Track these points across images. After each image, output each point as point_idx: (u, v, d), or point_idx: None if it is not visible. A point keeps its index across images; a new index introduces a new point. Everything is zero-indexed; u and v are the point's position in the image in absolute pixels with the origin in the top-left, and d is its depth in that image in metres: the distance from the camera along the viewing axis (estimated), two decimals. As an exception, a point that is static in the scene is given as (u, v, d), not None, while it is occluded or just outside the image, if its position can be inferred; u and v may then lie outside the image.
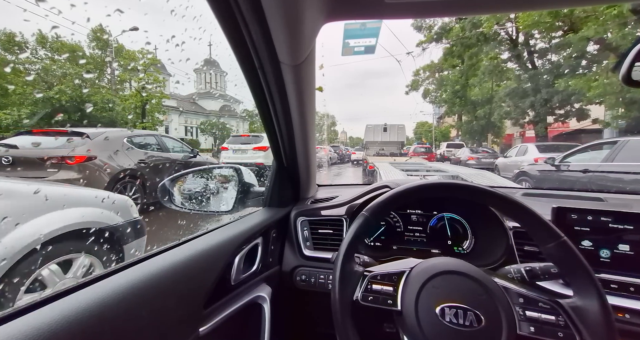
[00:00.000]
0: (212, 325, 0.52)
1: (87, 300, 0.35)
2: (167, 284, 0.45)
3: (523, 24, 9.50)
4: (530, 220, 0.49)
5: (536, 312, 0.44)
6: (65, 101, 7.86)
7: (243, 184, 0.83)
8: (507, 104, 12.70)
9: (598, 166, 3.66)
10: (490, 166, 8.23)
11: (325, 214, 0.84)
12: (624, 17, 6.77)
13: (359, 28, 1.05)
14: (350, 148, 23.92)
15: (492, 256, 0.71)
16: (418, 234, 0.80)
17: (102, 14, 2.80)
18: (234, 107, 25.37)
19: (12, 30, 9.18)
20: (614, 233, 0.61)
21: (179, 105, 20.26)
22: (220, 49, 19.89)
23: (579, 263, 0.44)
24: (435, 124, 32.75)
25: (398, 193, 0.53)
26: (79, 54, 10.86)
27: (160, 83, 10.93)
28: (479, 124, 15.40)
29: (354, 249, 0.52)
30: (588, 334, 0.41)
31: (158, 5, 2.16)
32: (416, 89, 20.55)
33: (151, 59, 10.58)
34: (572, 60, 9.41)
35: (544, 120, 11.50)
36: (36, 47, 10.18)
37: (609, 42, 7.62)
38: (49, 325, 0.31)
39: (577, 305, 0.43)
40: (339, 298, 0.47)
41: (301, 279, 0.77)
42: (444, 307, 0.44)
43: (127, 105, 9.96)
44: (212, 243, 0.57)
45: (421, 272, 0.49)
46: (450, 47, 15.51)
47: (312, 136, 0.76)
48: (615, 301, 0.56)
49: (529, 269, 0.53)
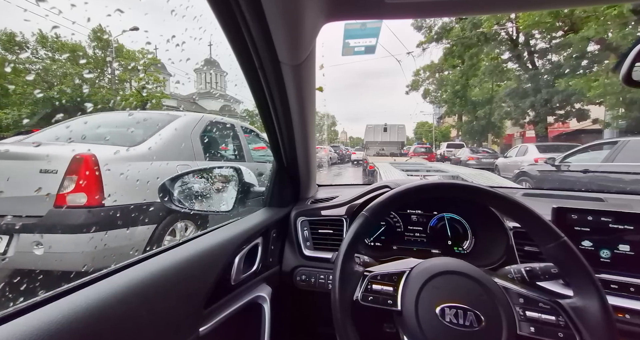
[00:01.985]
0: (212, 325, 0.52)
1: (88, 300, 0.35)
2: (167, 284, 0.45)
3: (523, 24, 9.49)
4: (530, 221, 0.48)
5: (536, 313, 0.44)
6: (66, 101, 7.86)
7: (243, 183, 0.83)
8: (508, 104, 12.69)
9: (598, 166, 3.65)
10: (491, 166, 8.23)
11: (325, 214, 0.83)
12: (625, 17, 6.76)
13: (359, 28, 1.05)
14: (351, 148, 23.92)
15: (492, 256, 0.71)
16: (418, 234, 0.79)
17: (102, 14, 2.79)
18: (234, 107, 25.37)
19: (13, 30, 9.18)
20: (614, 233, 0.61)
21: (179, 105, 20.26)
22: (220, 48, 19.69)
23: (579, 263, 0.44)
24: (436, 124, 32.75)
25: (398, 193, 0.53)
26: (80, 54, 10.85)
27: (160, 83, 10.92)
28: (479, 124, 15.38)
29: (354, 249, 0.52)
30: (588, 334, 0.41)
31: (158, 5, 2.16)
32: (416, 89, 20.57)
33: (151, 59, 10.58)
34: (573, 61, 9.40)
35: (544, 121, 11.49)
36: (36, 47, 10.18)
37: (610, 42, 7.62)
38: (49, 325, 0.31)
39: (578, 306, 0.43)
40: (339, 298, 0.47)
41: (301, 279, 0.77)
42: (444, 307, 0.44)
43: (127, 105, 9.94)
44: (212, 243, 0.57)
45: (421, 272, 0.49)
46: (451, 47, 15.51)
47: (312, 136, 0.76)
48: (615, 301, 0.56)
49: (529, 269, 0.52)
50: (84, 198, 1.32)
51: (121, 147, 1.59)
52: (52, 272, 1.31)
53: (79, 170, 1.33)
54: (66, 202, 1.30)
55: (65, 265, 1.26)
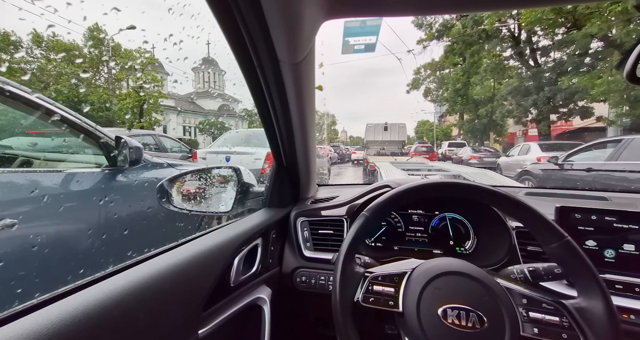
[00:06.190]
0: (212, 327, 0.52)
1: (85, 303, 0.35)
2: (165, 286, 0.45)
3: (525, 21, 9.41)
4: (533, 220, 0.48)
5: (540, 313, 0.43)
6: (62, 101, 7.87)
7: (242, 184, 0.83)
8: (510, 102, 12.61)
9: (602, 165, 3.62)
10: (493, 165, 8.19)
11: (325, 214, 0.83)
12: (628, 14, 6.69)
13: (359, 26, 1.04)
14: (351, 147, 23.84)
15: (494, 256, 0.70)
16: (419, 234, 0.79)
17: (98, 13, 2.78)
18: (233, 107, 25.31)
19: (7, 30, 9.15)
20: (619, 233, 0.60)
21: (177, 104, 20.20)
22: (218, 47, 19.34)
23: (583, 263, 0.43)
24: (437, 123, 32.63)
25: (399, 193, 0.53)
26: (76, 53, 10.80)
27: (158, 82, 10.88)
28: (481, 123, 15.30)
29: (354, 249, 0.52)
30: (593, 335, 0.40)
31: (155, 4, 2.15)
32: (417, 87, 20.47)
33: (149, 58, 10.52)
34: (576, 58, 9.33)
35: (547, 119, 11.40)
36: (31, 46, 10.13)
37: (613, 39, 7.55)
38: (47, 328, 0.30)
39: (582, 306, 0.43)
40: (339, 299, 0.46)
41: (301, 280, 0.76)
42: (446, 308, 0.43)
43: (124, 104, 9.91)
44: (211, 244, 0.57)
45: (423, 273, 0.48)
46: (452, 45, 15.40)
47: (312, 135, 0.76)
48: (620, 302, 0.56)
49: (532, 269, 0.52)
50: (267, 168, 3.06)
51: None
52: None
53: (268, 157, 3.20)
54: (265, 171, 3.09)
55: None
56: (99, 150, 1.20)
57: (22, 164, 1.11)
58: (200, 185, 0.82)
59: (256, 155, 3.33)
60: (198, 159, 3.77)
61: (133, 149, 1.20)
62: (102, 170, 1.19)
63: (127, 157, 1.19)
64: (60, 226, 0.96)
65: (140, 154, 1.25)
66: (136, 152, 1.21)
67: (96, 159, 1.24)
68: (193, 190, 0.80)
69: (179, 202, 0.74)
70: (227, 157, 3.56)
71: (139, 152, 1.24)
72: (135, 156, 1.21)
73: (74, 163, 1.31)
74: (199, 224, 1.22)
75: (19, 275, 0.76)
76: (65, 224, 0.98)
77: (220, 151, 3.75)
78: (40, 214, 0.90)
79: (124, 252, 0.67)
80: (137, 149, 1.22)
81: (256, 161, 3.28)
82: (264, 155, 3.24)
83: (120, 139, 1.19)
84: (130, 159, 1.19)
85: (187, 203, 0.77)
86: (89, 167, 1.23)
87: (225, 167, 0.85)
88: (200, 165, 2.94)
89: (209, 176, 0.84)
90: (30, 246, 0.81)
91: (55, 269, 0.84)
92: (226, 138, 4.89)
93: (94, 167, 1.21)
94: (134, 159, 1.21)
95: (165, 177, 0.72)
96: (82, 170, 1.16)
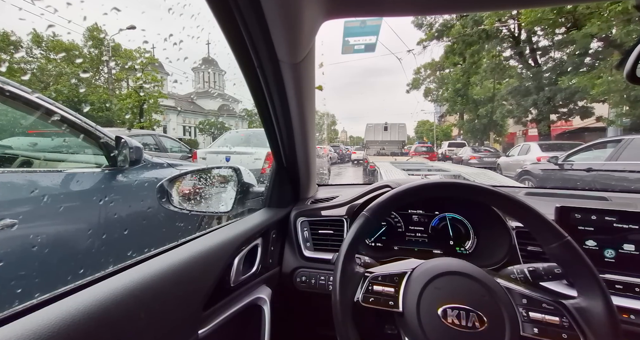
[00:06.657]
0: (212, 327, 0.52)
1: (85, 303, 0.35)
2: (165, 286, 0.45)
3: (525, 21, 9.41)
4: (533, 220, 0.48)
5: (540, 313, 0.43)
6: (62, 101, 7.85)
7: (242, 184, 0.83)
8: (510, 102, 12.60)
9: (602, 165, 3.62)
10: (493, 165, 8.19)
11: (325, 214, 0.83)
12: (629, 14, 6.68)
13: (359, 26, 1.04)
14: (351, 147, 23.82)
15: (494, 256, 0.70)
16: (419, 234, 0.79)
17: (98, 13, 2.79)
18: (233, 107, 25.27)
19: (7, 30, 9.13)
20: (619, 233, 0.60)
21: (177, 104, 20.16)
22: (218, 47, 19.32)
23: (583, 263, 0.43)
24: (437, 123, 32.61)
25: (399, 193, 0.53)
26: (76, 53, 10.78)
27: (158, 82, 10.87)
28: (481, 123, 15.30)
29: (354, 249, 0.52)
30: (592, 335, 0.40)
31: (155, 4, 2.15)
32: (417, 87, 20.47)
33: (149, 58, 10.50)
34: (576, 58, 9.32)
35: (547, 119, 11.39)
36: (31, 46, 10.11)
37: (613, 39, 7.54)
38: (47, 328, 0.30)
39: (582, 306, 0.43)
40: (339, 299, 0.46)
41: (301, 280, 0.76)
42: (446, 308, 0.43)
43: (124, 104, 9.89)
44: (211, 244, 0.57)
45: (423, 273, 0.48)
46: (452, 45, 15.40)
47: (311, 135, 0.76)
48: (620, 302, 0.56)
49: (532, 269, 0.52)
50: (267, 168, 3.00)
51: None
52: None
53: (268, 157, 3.19)
54: (265, 171, 3.05)
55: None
56: (99, 150, 1.20)
57: (22, 164, 1.11)
58: (200, 185, 0.82)
59: (256, 155, 3.31)
60: (198, 159, 3.77)
61: (133, 149, 1.20)
62: (102, 170, 1.19)
63: (127, 157, 1.18)
64: (61, 226, 0.96)
65: (140, 154, 1.25)
66: (136, 152, 1.22)
67: (96, 159, 1.24)
68: (193, 190, 0.79)
69: (179, 202, 0.74)
70: (227, 157, 3.55)
71: (139, 152, 1.24)
72: (135, 156, 1.21)
73: (74, 163, 1.31)
74: (199, 224, 1.22)
75: (19, 275, 0.76)
76: (66, 224, 0.98)
77: (220, 151, 3.75)
78: (40, 214, 0.90)
79: (124, 252, 0.67)
80: (137, 149, 1.22)
81: (256, 161, 3.26)
82: (264, 155, 3.22)
83: (120, 139, 1.19)
84: (130, 159, 1.20)
85: (187, 203, 0.76)
86: (89, 167, 1.23)
87: (225, 167, 0.85)
88: (200, 165, 2.93)
89: (209, 176, 0.84)
90: (30, 246, 0.81)
91: (55, 269, 0.84)
92: (226, 138, 4.90)
93: (94, 167, 1.21)
94: (134, 159, 1.21)
95: (165, 177, 0.72)
96: (82, 170, 1.16)
